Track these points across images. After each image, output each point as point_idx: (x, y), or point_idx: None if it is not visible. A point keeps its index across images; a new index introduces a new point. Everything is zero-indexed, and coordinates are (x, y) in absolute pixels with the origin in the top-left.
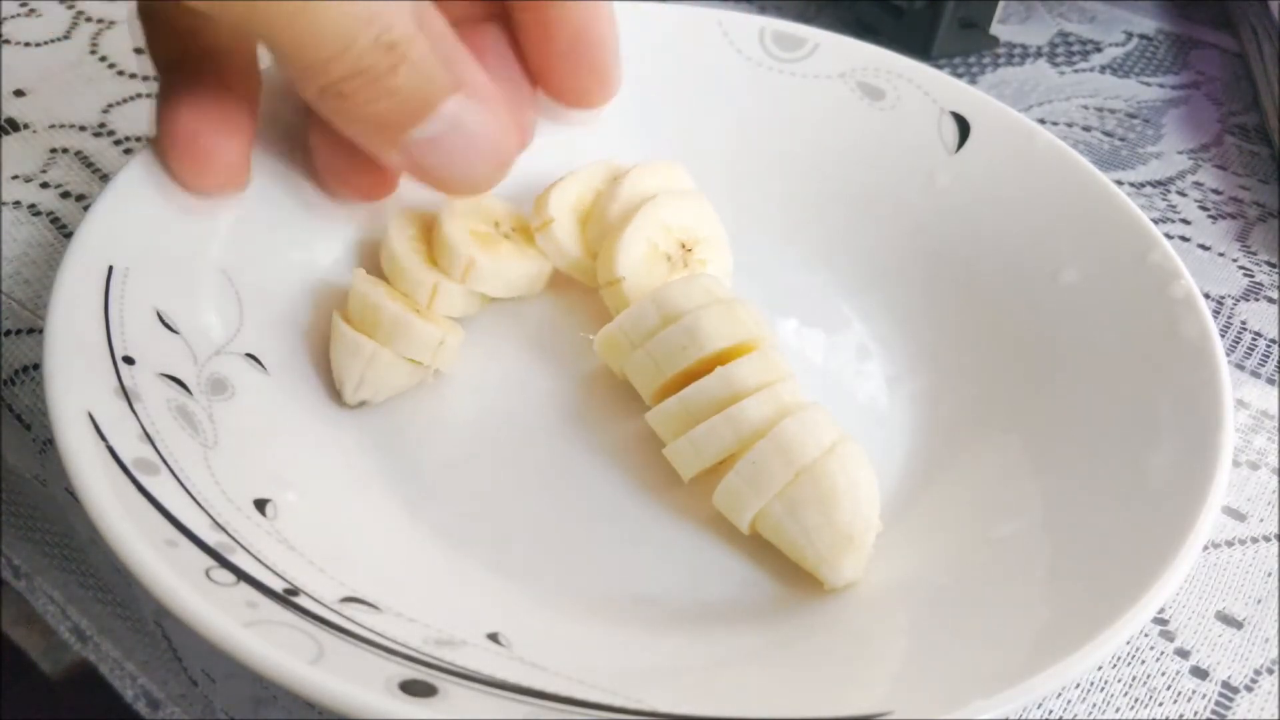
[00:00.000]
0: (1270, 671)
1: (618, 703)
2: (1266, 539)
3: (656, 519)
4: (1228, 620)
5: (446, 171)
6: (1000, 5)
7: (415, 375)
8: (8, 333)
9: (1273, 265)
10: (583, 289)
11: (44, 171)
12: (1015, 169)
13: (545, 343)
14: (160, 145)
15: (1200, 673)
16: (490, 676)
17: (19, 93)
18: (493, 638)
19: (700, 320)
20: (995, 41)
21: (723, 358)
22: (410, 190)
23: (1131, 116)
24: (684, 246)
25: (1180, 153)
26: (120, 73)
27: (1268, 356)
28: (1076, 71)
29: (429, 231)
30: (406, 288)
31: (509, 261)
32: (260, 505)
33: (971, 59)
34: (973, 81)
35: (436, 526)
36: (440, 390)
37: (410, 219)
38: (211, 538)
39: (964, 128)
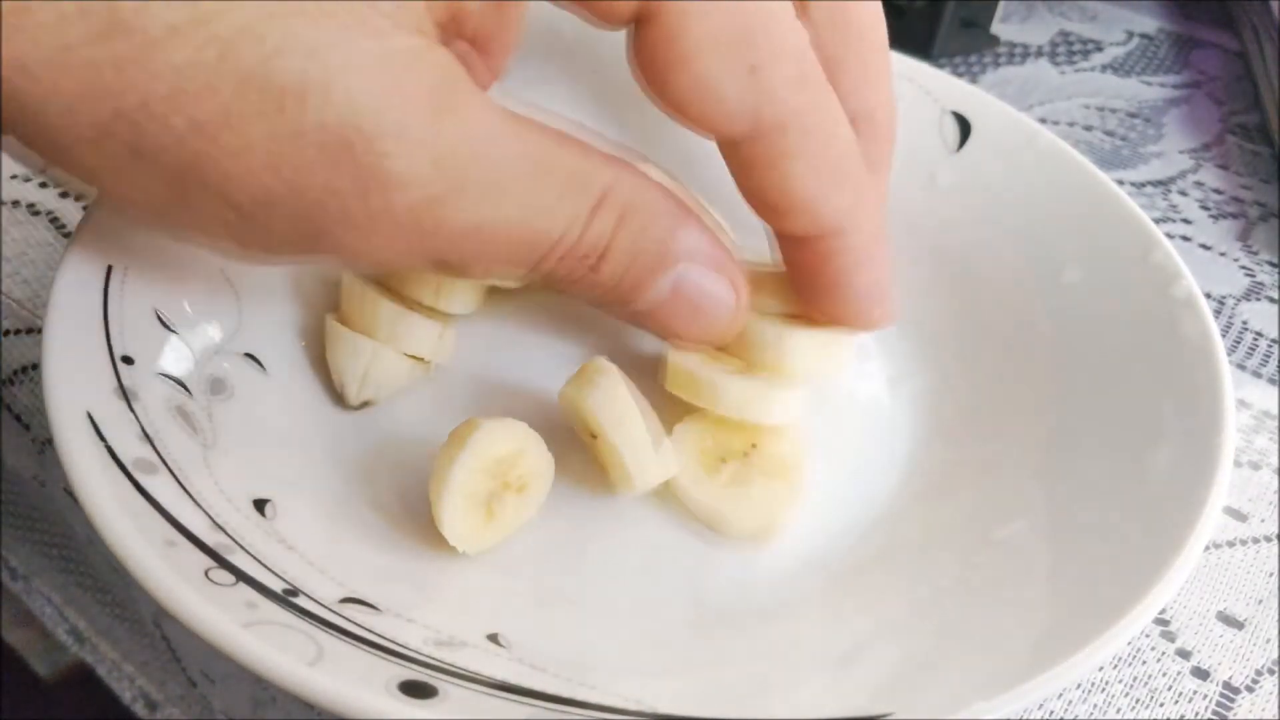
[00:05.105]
0: (1271, 672)
1: (617, 704)
2: (1268, 539)
3: (656, 519)
4: (1229, 621)
5: (675, 331)
6: (1001, 4)
7: (416, 371)
8: (6, 332)
9: (1274, 265)
10: None
11: (43, 171)
12: (1016, 169)
13: (545, 337)
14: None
15: (1201, 673)
16: (490, 677)
17: None
18: (493, 638)
19: None
20: (996, 41)
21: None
22: None
23: (1132, 116)
24: None
25: (1181, 152)
26: None
27: (1269, 356)
28: (1077, 71)
29: None
30: (400, 283)
31: None
32: (259, 505)
33: (972, 58)
34: (973, 81)
35: (436, 526)
36: (440, 387)
37: None
38: (211, 538)
39: (965, 127)
